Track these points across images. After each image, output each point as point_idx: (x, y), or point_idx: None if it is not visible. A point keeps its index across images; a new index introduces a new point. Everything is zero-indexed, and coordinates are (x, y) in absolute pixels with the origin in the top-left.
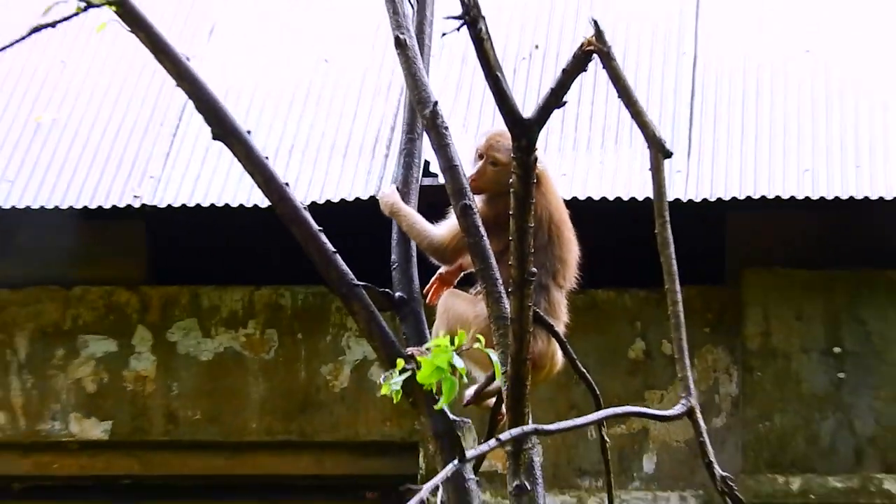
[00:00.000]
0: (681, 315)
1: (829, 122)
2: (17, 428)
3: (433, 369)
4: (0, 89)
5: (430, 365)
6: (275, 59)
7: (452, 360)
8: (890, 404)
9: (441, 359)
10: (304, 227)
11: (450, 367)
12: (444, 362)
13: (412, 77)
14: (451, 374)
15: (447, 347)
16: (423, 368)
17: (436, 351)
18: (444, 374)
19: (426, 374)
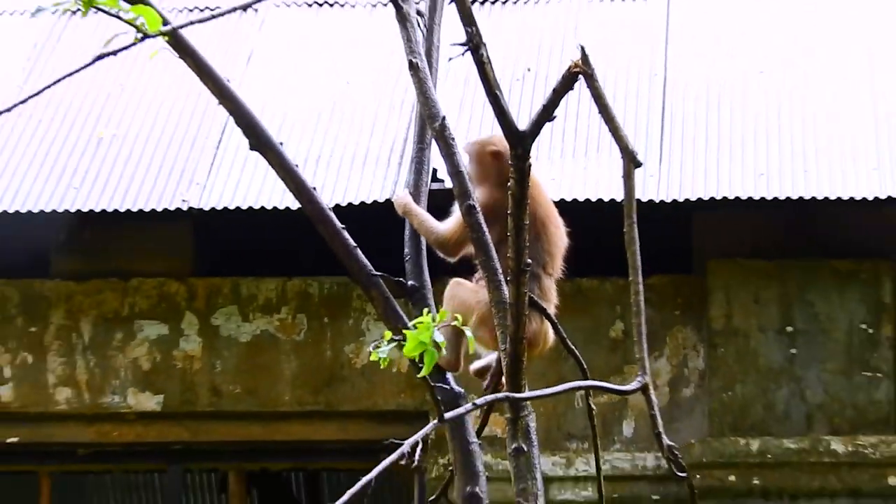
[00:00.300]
0: (642, 304)
1: (781, 133)
2: (81, 401)
3: (416, 343)
4: (68, 109)
5: (415, 339)
6: (304, 81)
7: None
8: (836, 376)
9: (424, 335)
10: (329, 225)
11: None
12: (426, 337)
13: (423, 95)
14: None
15: (429, 324)
16: (408, 342)
17: (420, 327)
18: (426, 348)
19: (410, 347)
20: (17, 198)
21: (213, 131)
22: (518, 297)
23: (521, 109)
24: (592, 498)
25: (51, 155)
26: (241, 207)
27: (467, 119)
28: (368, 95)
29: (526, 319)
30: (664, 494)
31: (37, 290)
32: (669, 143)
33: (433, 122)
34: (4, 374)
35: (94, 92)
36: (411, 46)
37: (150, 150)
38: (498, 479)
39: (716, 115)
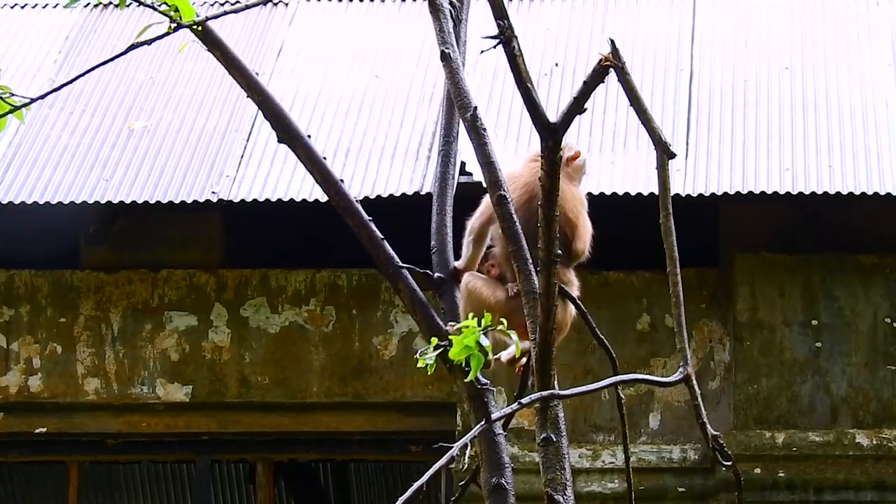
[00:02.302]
0: (680, 295)
1: (806, 129)
2: (111, 391)
3: (462, 347)
4: (99, 101)
5: (460, 343)
6: (333, 75)
7: (480, 339)
8: (860, 369)
9: (470, 339)
10: (357, 217)
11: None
12: (472, 342)
13: (455, 85)
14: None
15: (475, 328)
16: (454, 346)
17: (466, 332)
18: (472, 352)
19: (457, 351)
20: (48, 189)
21: (243, 124)
22: (548, 288)
23: (549, 104)
24: (619, 490)
25: (82, 147)
26: (271, 199)
27: (494, 113)
28: (397, 89)
29: (556, 309)
30: (689, 487)
31: (67, 280)
32: (696, 137)
33: (465, 113)
34: (34, 365)
35: (125, 84)
36: (444, 37)
37: (181, 142)
38: (524, 470)
39: (741, 110)
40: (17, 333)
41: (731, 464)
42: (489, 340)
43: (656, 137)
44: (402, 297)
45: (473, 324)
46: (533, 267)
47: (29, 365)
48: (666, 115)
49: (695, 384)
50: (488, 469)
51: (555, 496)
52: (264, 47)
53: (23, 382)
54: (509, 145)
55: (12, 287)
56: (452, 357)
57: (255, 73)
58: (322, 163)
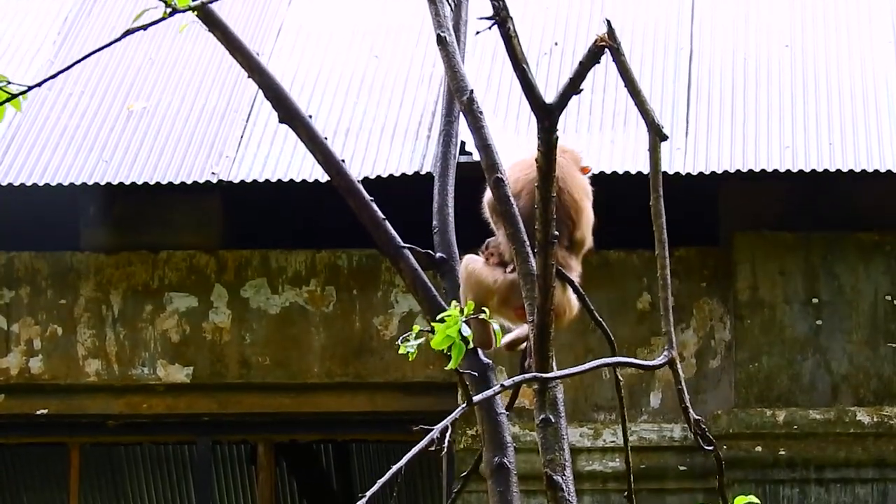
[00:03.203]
0: (668, 278)
1: (806, 107)
2: (111, 373)
3: (444, 337)
4: (98, 83)
5: (442, 332)
6: (333, 55)
7: (461, 329)
8: (861, 347)
9: (452, 328)
10: (358, 197)
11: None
12: (454, 331)
13: (452, 69)
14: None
15: (457, 317)
16: (436, 335)
17: (448, 321)
18: (453, 341)
19: (438, 340)
20: (47, 171)
21: (243, 104)
22: (545, 269)
23: (549, 84)
24: (620, 469)
25: (81, 128)
26: (271, 180)
27: (494, 93)
28: (397, 69)
29: (554, 291)
30: (691, 465)
31: (67, 262)
32: (696, 116)
33: (461, 96)
34: (34, 347)
35: (123, 65)
36: (439, 21)
37: (180, 123)
38: (526, 450)
39: (741, 88)
40: (17, 315)
41: (712, 448)
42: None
43: (649, 119)
44: (404, 277)
45: (455, 312)
46: (531, 249)
47: (29, 347)
48: (666, 94)
49: (679, 368)
50: (491, 449)
51: (553, 477)
52: (263, 27)
53: (23, 364)
54: (510, 125)
55: (12, 269)
56: (434, 346)
57: (256, 54)
58: (323, 143)
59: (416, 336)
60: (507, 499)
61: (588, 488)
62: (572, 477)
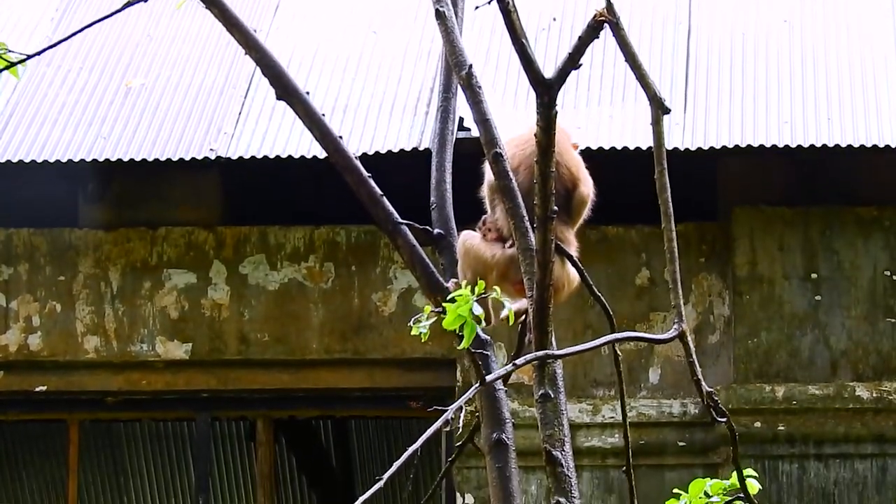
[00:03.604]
0: (675, 251)
1: (804, 81)
2: (110, 349)
3: (456, 316)
4: (96, 59)
5: (454, 312)
6: (331, 31)
7: (472, 308)
8: (860, 322)
9: (463, 307)
10: (356, 173)
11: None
12: (465, 310)
13: (450, 44)
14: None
15: (469, 296)
16: (447, 315)
17: (459, 300)
18: (465, 320)
19: (450, 320)
20: (46, 147)
21: (241, 81)
22: (544, 244)
23: (548, 59)
24: (619, 444)
25: (79, 104)
26: (269, 156)
27: (493, 68)
28: (395, 45)
29: (553, 266)
30: (690, 441)
31: (65, 239)
32: (694, 91)
33: (460, 71)
34: (33, 323)
35: (122, 42)
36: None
37: (179, 99)
38: (525, 425)
39: (740, 63)
40: (16, 292)
41: (725, 419)
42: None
43: (651, 93)
44: (402, 254)
45: (467, 292)
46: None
47: (28, 323)
48: (664, 70)
49: (689, 341)
50: (489, 424)
51: (553, 452)
52: (261, 4)
53: (22, 341)
54: (508, 101)
55: (11, 246)
56: (446, 326)
57: (254, 31)
58: (321, 120)
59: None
60: (506, 474)
61: (587, 464)
62: (571, 452)
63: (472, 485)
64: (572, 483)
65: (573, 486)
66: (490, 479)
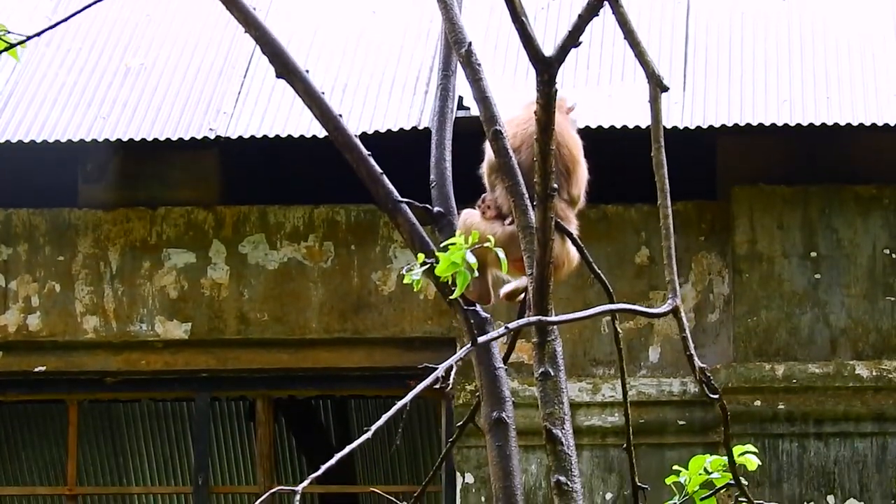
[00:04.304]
0: (671, 227)
1: (803, 60)
2: (109, 329)
3: (449, 264)
4: (95, 39)
5: (447, 260)
6: (330, 10)
7: (466, 256)
8: (859, 300)
9: (456, 255)
10: (356, 152)
11: (463, 262)
12: (458, 258)
13: (450, 21)
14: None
15: (462, 245)
16: (440, 263)
17: (452, 249)
18: (458, 269)
19: (443, 268)
20: (45, 127)
21: (240, 60)
22: (544, 222)
23: (546, 38)
24: (619, 423)
25: (79, 84)
26: (268, 136)
27: (493, 47)
28: (394, 24)
29: (553, 244)
30: (690, 420)
31: (65, 218)
32: (693, 69)
33: (460, 48)
34: (32, 303)
35: (121, 22)
36: None
37: (178, 79)
38: (524, 405)
39: (739, 41)
40: (15, 272)
41: (717, 397)
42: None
43: (649, 70)
44: (402, 232)
45: (460, 241)
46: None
47: (27, 304)
48: (663, 48)
49: (683, 316)
50: (489, 403)
51: (553, 430)
52: None
53: (21, 321)
54: (506, 79)
55: (10, 226)
56: (439, 273)
57: (253, 9)
58: (320, 98)
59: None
60: (506, 453)
61: (587, 443)
62: (572, 431)
63: (472, 464)
64: (573, 462)
65: (573, 465)
66: (490, 458)
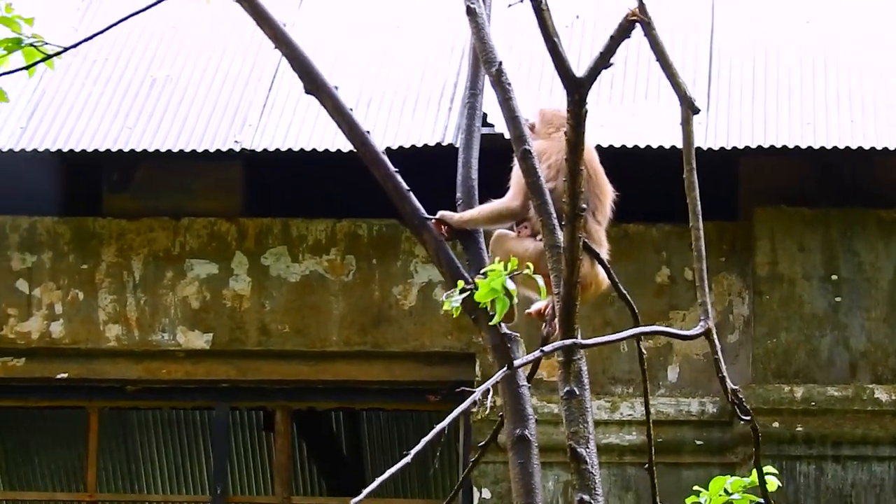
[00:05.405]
0: (702, 249)
1: (827, 83)
2: (131, 338)
3: (489, 290)
4: (122, 50)
5: (487, 286)
6: (354, 25)
7: (505, 283)
8: (879, 324)
9: (496, 281)
10: (383, 168)
11: (503, 288)
12: (498, 284)
13: (481, 40)
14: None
15: (501, 272)
16: (480, 289)
17: (491, 275)
18: (497, 295)
19: (483, 293)
20: (71, 137)
21: (265, 73)
22: (572, 242)
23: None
24: (637, 442)
25: (105, 95)
26: (293, 149)
27: (516, 65)
28: (418, 39)
29: (580, 263)
30: (707, 440)
31: (89, 227)
32: (717, 91)
33: (490, 67)
34: (56, 311)
35: (147, 33)
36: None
37: (203, 91)
38: (543, 421)
39: (762, 63)
40: (39, 280)
41: (749, 419)
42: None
43: (681, 93)
44: (427, 248)
45: (500, 267)
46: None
47: (51, 311)
48: (686, 69)
49: (715, 338)
50: (512, 420)
51: (577, 449)
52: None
53: (44, 328)
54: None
55: (35, 234)
56: (478, 299)
57: (283, 25)
58: (349, 114)
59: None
60: (528, 470)
61: (604, 461)
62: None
63: (489, 479)
64: (596, 480)
65: (597, 484)
66: (512, 475)
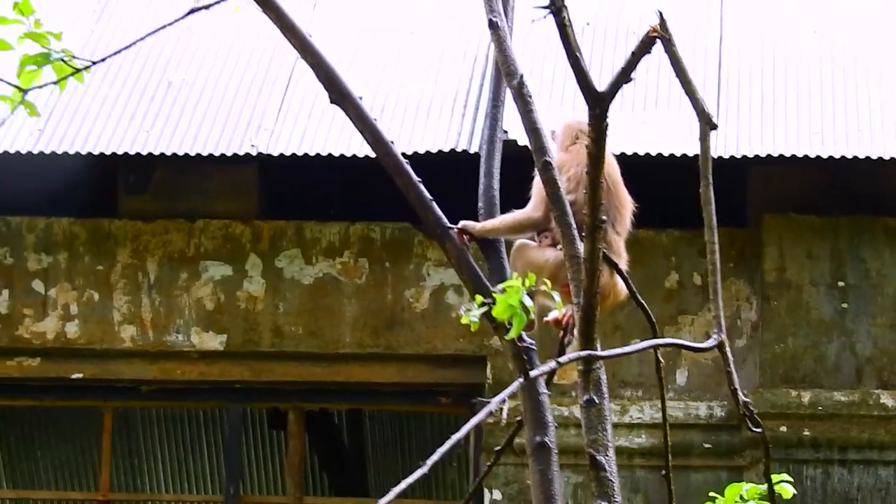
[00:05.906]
0: (717, 263)
1: (835, 92)
2: (146, 339)
3: (506, 306)
4: (138, 53)
5: (504, 302)
6: (368, 31)
7: (523, 299)
8: (886, 330)
9: (514, 297)
10: (406, 177)
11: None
12: (515, 300)
13: (503, 53)
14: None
15: (519, 288)
16: (497, 305)
17: (509, 291)
18: (514, 311)
19: (500, 310)
20: (88, 139)
21: (281, 77)
22: (592, 253)
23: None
24: (646, 445)
25: (121, 98)
26: (309, 154)
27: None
28: (432, 45)
29: (600, 274)
30: (716, 443)
31: (105, 228)
32: (726, 100)
33: (511, 80)
34: (71, 311)
35: (163, 36)
36: (491, 5)
37: (219, 95)
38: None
39: (771, 73)
40: (54, 280)
41: (760, 430)
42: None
43: (699, 108)
44: (449, 257)
45: (518, 283)
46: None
47: (66, 311)
48: (695, 78)
49: (728, 351)
50: (532, 427)
51: (597, 457)
52: (299, 2)
53: (60, 328)
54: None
55: (51, 234)
56: (496, 315)
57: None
58: (373, 124)
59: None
60: (548, 477)
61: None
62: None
63: (500, 481)
64: (615, 487)
65: (616, 491)
66: (532, 482)
